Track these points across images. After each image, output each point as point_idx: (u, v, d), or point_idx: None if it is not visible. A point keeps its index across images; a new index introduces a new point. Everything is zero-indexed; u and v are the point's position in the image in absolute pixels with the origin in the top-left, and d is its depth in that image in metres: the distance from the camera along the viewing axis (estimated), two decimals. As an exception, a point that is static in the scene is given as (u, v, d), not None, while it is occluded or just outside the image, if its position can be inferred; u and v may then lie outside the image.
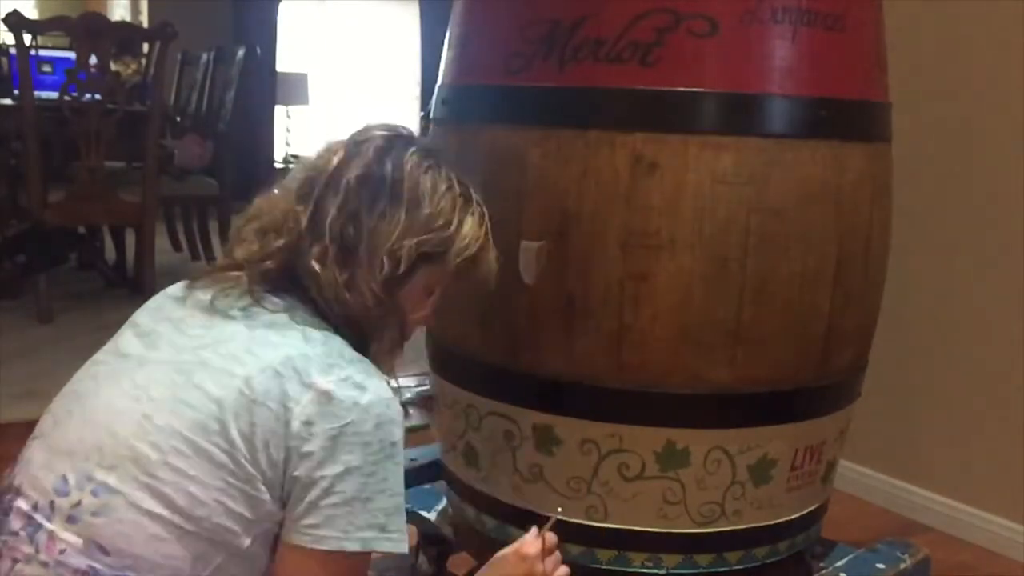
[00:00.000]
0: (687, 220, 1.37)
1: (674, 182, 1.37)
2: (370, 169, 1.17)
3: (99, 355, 1.17)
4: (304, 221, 1.15)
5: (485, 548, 1.63)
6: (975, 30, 2.26)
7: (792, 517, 1.56)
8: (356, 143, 1.21)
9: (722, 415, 1.45)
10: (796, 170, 1.41)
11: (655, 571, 1.50)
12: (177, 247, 5.24)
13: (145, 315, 1.19)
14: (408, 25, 7.20)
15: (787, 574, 1.61)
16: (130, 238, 4.44)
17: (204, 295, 1.15)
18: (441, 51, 1.64)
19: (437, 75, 1.64)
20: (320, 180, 1.17)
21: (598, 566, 1.50)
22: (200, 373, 1.05)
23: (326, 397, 1.04)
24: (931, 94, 2.29)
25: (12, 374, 3.10)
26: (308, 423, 1.03)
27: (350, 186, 1.16)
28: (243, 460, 1.02)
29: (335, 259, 1.13)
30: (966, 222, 2.30)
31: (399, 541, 1.09)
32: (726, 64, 1.38)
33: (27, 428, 1.14)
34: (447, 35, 1.63)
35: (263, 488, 1.04)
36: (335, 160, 1.18)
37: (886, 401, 2.25)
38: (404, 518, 1.10)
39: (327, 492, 1.04)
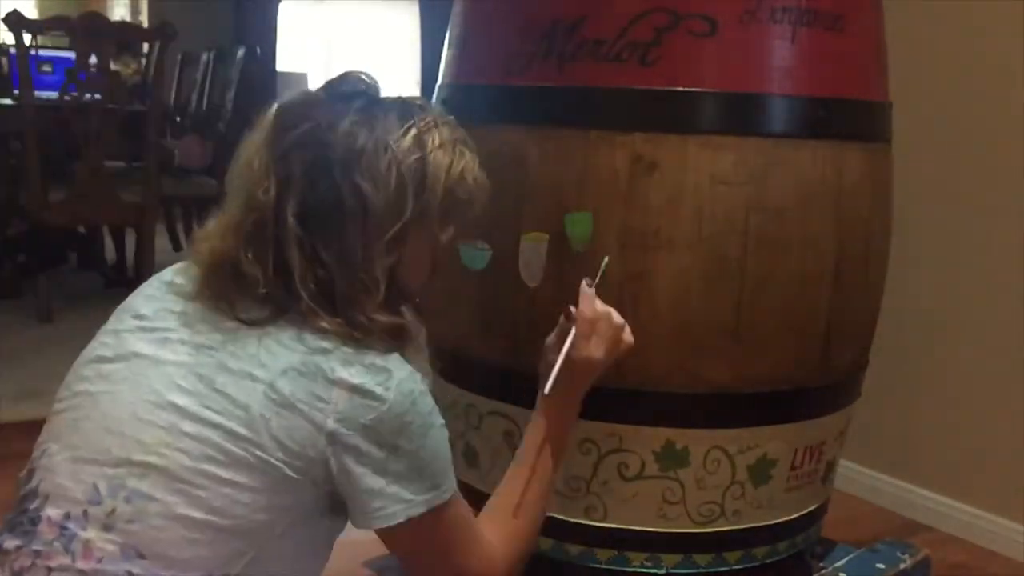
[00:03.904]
0: (686, 220, 1.37)
1: (674, 182, 1.37)
2: (304, 197, 1.05)
3: (103, 349, 1.13)
4: (279, 283, 1.05)
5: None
6: (975, 30, 2.26)
7: (792, 517, 1.56)
8: (281, 158, 1.06)
9: (721, 415, 1.45)
10: (796, 170, 1.41)
11: (654, 571, 1.50)
12: (177, 247, 5.22)
13: (145, 305, 1.15)
14: (408, 25, 7.19)
15: (787, 574, 1.61)
16: (130, 238, 4.43)
17: (204, 289, 1.10)
18: (441, 51, 1.64)
19: (437, 75, 1.64)
20: (267, 220, 1.05)
21: (597, 566, 1.50)
22: (221, 377, 1.03)
23: (356, 391, 1.02)
24: (931, 94, 2.29)
25: (12, 374, 3.10)
26: (344, 419, 1.02)
27: (296, 226, 1.04)
28: (277, 462, 1.01)
29: (327, 310, 1.04)
30: (966, 222, 2.30)
31: (451, 490, 1.11)
32: (725, 64, 1.38)
33: (27, 428, 1.13)
34: (447, 35, 1.63)
35: (303, 479, 1.03)
36: (273, 191, 1.05)
37: (886, 401, 2.25)
38: (452, 470, 1.11)
39: (380, 474, 1.04)
